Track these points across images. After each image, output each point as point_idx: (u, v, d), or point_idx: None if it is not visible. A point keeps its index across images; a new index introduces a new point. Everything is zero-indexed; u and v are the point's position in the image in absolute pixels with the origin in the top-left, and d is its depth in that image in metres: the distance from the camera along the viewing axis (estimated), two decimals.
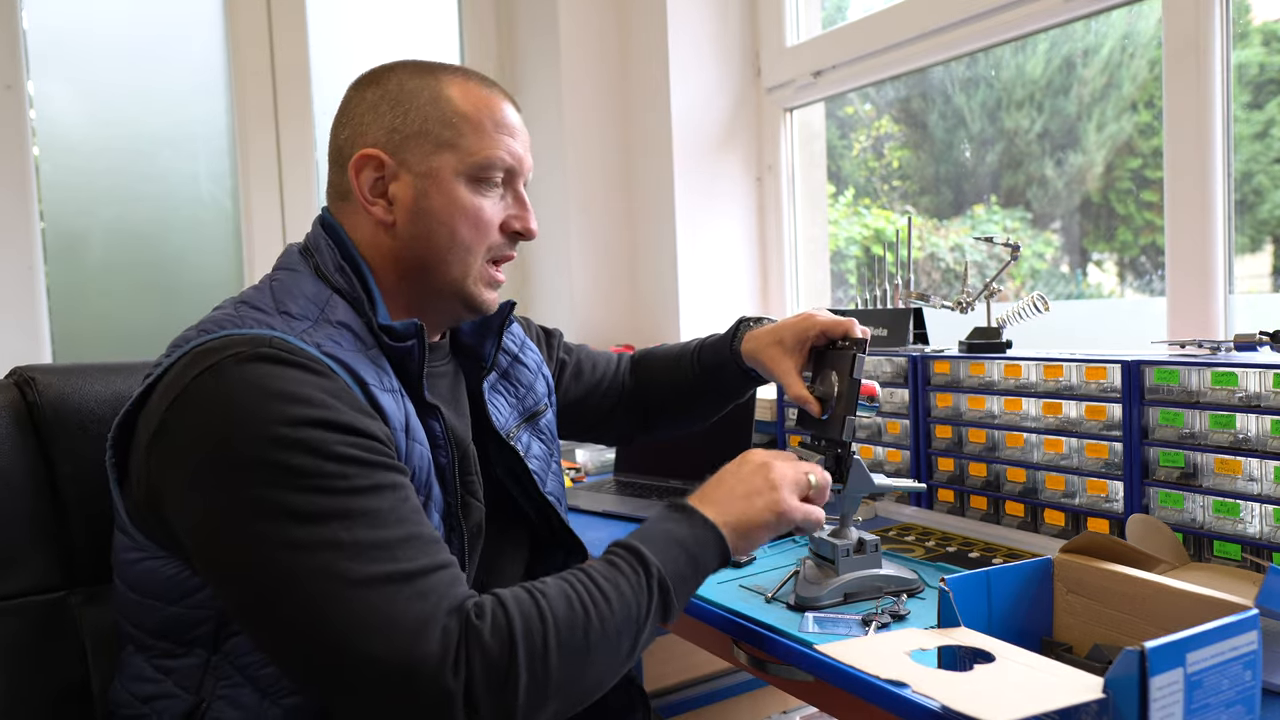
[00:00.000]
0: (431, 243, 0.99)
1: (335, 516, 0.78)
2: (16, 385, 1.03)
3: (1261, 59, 1.63)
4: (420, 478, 0.92)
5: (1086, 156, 2.02)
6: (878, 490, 1.21)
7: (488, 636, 0.78)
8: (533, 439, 1.19)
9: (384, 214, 0.99)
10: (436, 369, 1.08)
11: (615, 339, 2.53)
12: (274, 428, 0.79)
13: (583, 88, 2.47)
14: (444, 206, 0.99)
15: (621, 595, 0.86)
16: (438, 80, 1.00)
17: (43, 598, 1.00)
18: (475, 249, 1.01)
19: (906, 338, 1.60)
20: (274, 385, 0.81)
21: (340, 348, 0.90)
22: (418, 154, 0.98)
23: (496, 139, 1.00)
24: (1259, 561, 1.10)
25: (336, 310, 0.94)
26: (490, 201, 1.01)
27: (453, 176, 0.98)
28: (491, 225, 1.02)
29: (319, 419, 0.80)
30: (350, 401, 0.84)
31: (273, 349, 0.83)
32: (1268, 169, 1.64)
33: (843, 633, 1.06)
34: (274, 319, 0.90)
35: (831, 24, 2.33)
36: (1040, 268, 2.17)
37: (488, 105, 1.00)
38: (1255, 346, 1.23)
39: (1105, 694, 0.72)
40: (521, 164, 1.04)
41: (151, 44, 2.21)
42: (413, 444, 0.92)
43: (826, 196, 2.50)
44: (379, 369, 0.92)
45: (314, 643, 0.76)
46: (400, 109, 0.99)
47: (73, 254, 2.13)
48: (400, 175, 0.99)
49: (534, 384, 1.22)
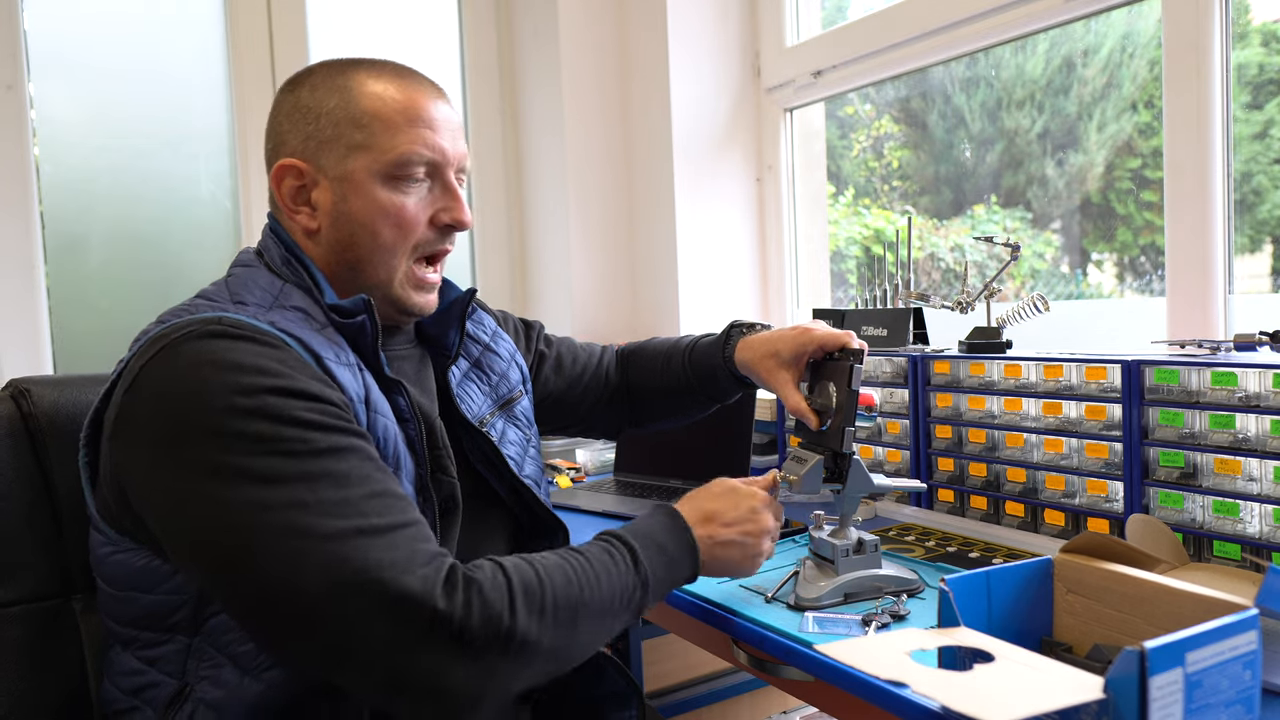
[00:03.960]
0: (355, 246, 1.00)
1: (298, 479, 0.78)
2: (12, 397, 1.04)
3: (1261, 59, 1.63)
4: (388, 449, 0.93)
5: (1086, 156, 2.02)
6: (877, 490, 1.21)
7: (488, 589, 0.80)
8: (508, 425, 1.19)
9: (308, 221, 1.00)
10: (399, 351, 1.09)
11: (615, 338, 2.52)
12: (230, 398, 0.80)
13: (583, 88, 2.47)
14: (363, 209, 0.98)
15: (612, 581, 0.89)
16: (349, 80, 1.00)
17: (42, 605, 1.00)
18: (399, 248, 1.01)
19: (906, 338, 1.60)
20: (227, 357, 0.82)
21: (294, 325, 0.91)
22: (333, 159, 0.98)
23: (411, 134, 0.99)
24: (1259, 561, 1.10)
25: (291, 296, 0.96)
26: (413, 198, 1.00)
27: (369, 178, 0.98)
28: (416, 222, 1.01)
29: (274, 386, 0.81)
30: (306, 370, 0.85)
31: (223, 325, 0.85)
32: (1267, 169, 1.64)
33: (843, 633, 1.06)
34: (227, 306, 0.92)
35: (831, 24, 2.33)
36: (1040, 268, 2.17)
37: (399, 101, 0.99)
38: (1255, 346, 1.23)
39: (1105, 694, 0.72)
40: (445, 155, 1.02)
41: (151, 45, 2.21)
42: (375, 416, 0.92)
43: (826, 196, 2.50)
44: (335, 345, 0.93)
45: (291, 602, 0.77)
46: (312, 115, 0.99)
47: (73, 254, 2.13)
48: (319, 182, 0.99)
49: (507, 372, 1.23)
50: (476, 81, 2.63)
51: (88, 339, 2.15)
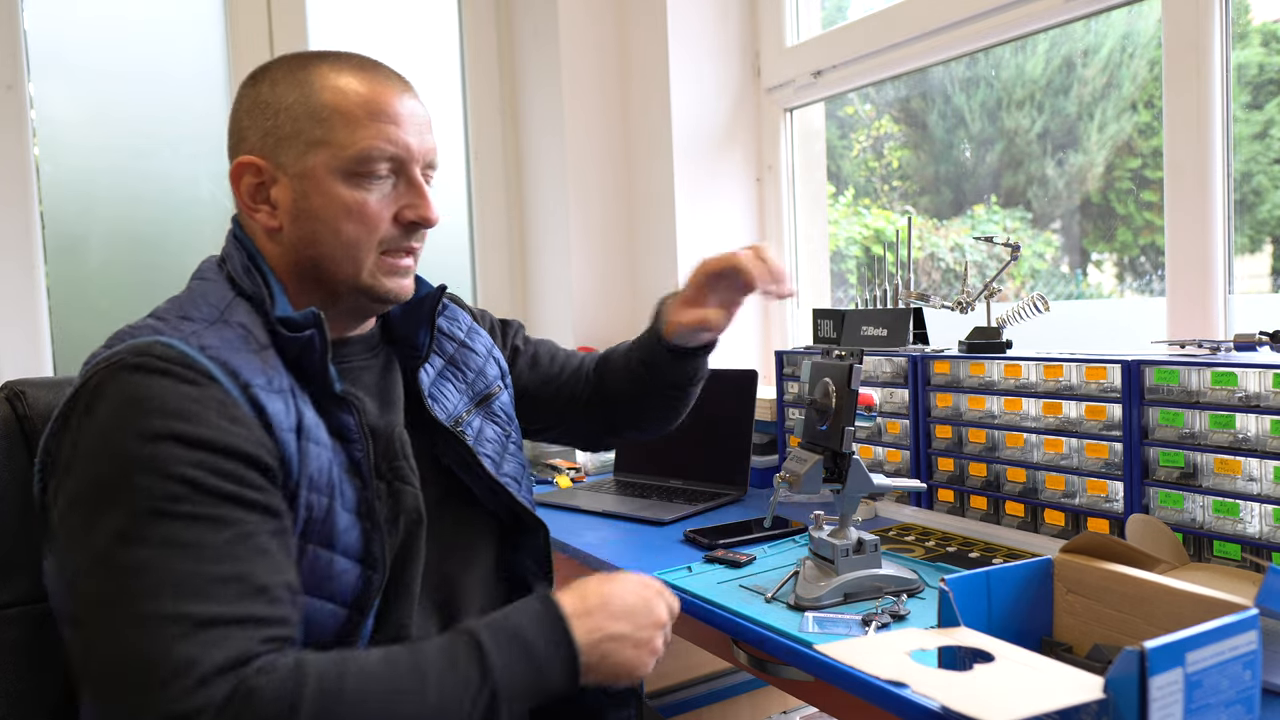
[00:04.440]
0: (318, 244, 0.97)
1: (158, 543, 0.76)
2: (7, 399, 1.04)
3: (1261, 59, 1.63)
4: (321, 478, 0.89)
5: (1086, 156, 2.01)
6: (877, 490, 1.21)
7: (266, 699, 0.73)
8: (485, 422, 1.17)
9: (269, 219, 0.98)
10: (359, 362, 1.06)
11: (615, 339, 2.51)
12: (126, 443, 0.78)
13: (583, 88, 2.47)
14: (324, 206, 0.96)
15: (444, 690, 0.79)
16: (309, 74, 0.97)
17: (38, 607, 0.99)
18: (363, 244, 0.98)
19: (906, 338, 1.60)
20: (136, 396, 0.80)
21: (228, 348, 0.88)
22: (292, 155, 0.96)
23: (373, 129, 0.96)
24: (1259, 561, 1.10)
25: (236, 312, 0.93)
26: (376, 195, 0.97)
27: (329, 174, 0.96)
28: (378, 218, 0.98)
29: (174, 433, 0.79)
30: (220, 411, 0.82)
31: (146, 357, 0.82)
32: (1267, 169, 1.64)
33: (843, 633, 1.06)
34: (168, 324, 0.89)
35: (831, 24, 2.33)
36: (1040, 268, 2.17)
37: (361, 95, 0.96)
38: (1255, 346, 1.23)
39: (1105, 694, 0.72)
40: (410, 150, 0.98)
41: (152, 45, 2.21)
42: (308, 445, 0.89)
43: (826, 196, 2.50)
44: (270, 369, 0.89)
45: (84, 669, 0.76)
46: (271, 111, 0.97)
47: (73, 254, 2.13)
48: (279, 179, 0.97)
49: (484, 368, 1.20)
50: (476, 81, 2.63)
51: (88, 339, 2.13)
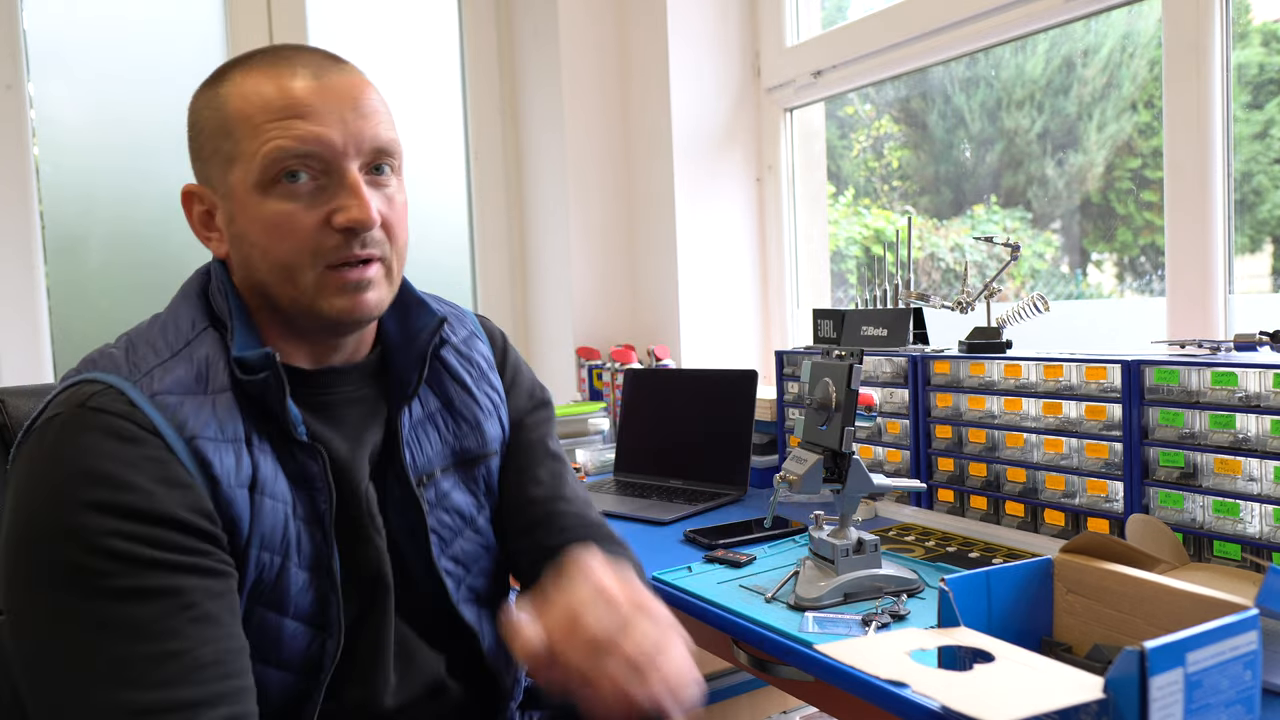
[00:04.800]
0: (254, 267, 0.88)
1: (87, 623, 0.72)
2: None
3: (1261, 59, 1.63)
4: (273, 537, 0.84)
5: (1086, 156, 2.01)
6: (877, 490, 1.21)
7: None
8: (456, 487, 1.01)
9: (218, 247, 0.92)
10: (344, 394, 0.95)
11: (615, 339, 2.53)
12: (49, 513, 0.75)
13: (583, 88, 2.47)
14: (249, 225, 0.87)
15: None
16: (220, 86, 0.89)
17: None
18: (296, 261, 0.86)
19: (906, 338, 1.60)
20: (65, 458, 0.76)
21: (181, 390, 0.82)
22: (216, 176, 0.89)
23: (276, 128, 0.84)
24: (1259, 561, 1.10)
25: (202, 344, 0.87)
26: (300, 204, 0.86)
27: (247, 190, 0.86)
28: (305, 229, 0.86)
29: (101, 502, 0.74)
30: (155, 472, 0.77)
31: (85, 411, 0.78)
32: (1268, 169, 1.64)
33: (843, 633, 1.06)
34: (130, 358, 0.84)
35: (831, 24, 2.33)
36: (1040, 268, 2.17)
37: (262, 94, 0.85)
38: (1255, 346, 1.23)
39: (1105, 694, 0.72)
40: (327, 142, 0.85)
41: (151, 44, 2.21)
42: (262, 499, 0.83)
43: (826, 196, 2.50)
44: (223, 415, 0.83)
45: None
46: (194, 132, 0.91)
47: (73, 254, 2.13)
48: (216, 203, 0.90)
49: (482, 423, 1.04)
50: (476, 81, 2.63)
51: (88, 339, 2.14)
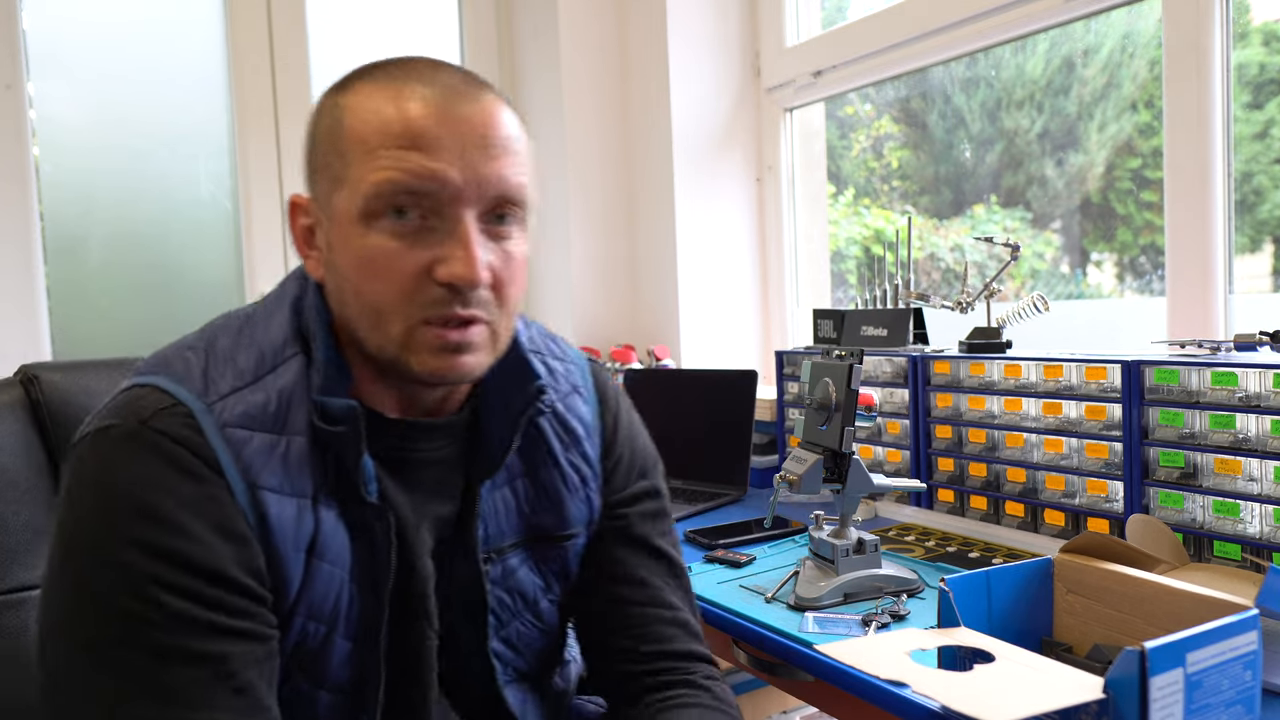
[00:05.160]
0: (346, 302, 0.79)
1: (119, 673, 0.68)
2: (22, 383, 1.05)
3: (1261, 59, 1.63)
4: (324, 605, 0.78)
5: (1086, 156, 2.01)
6: (877, 490, 1.21)
7: None
8: (524, 565, 0.91)
9: (315, 267, 0.82)
10: (424, 453, 0.85)
11: (615, 339, 2.53)
12: (101, 539, 0.70)
13: (583, 88, 2.47)
14: (345, 256, 0.77)
15: None
16: (345, 93, 0.79)
17: None
18: (388, 308, 0.76)
19: (906, 338, 1.60)
20: (120, 482, 0.71)
21: (252, 428, 0.75)
22: (324, 194, 0.79)
23: (390, 157, 0.74)
24: (1259, 561, 1.10)
25: (286, 372, 0.78)
26: (406, 243, 0.75)
27: (349, 218, 0.76)
28: (402, 274, 0.75)
29: (154, 545, 0.69)
30: (213, 520, 0.71)
31: (151, 432, 0.72)
32: (1268, 169, 1.64)
33: (843, 633, 1.06)
34: (204, 369, 0.78)
35: (831, 24, 2.33)
36: (1040, 268, 2.17)
37: (382, 116, 0.75)
38: (1255, 346, 1.23)
39: (1105, 694, 0.72)
40: (445, 181, 0.74)
41: (151, 44, 2.21)
42: (318, 564, 0.77)
43: (826, 196, 2.50)
44: (292, 465, 0.76)
45: None
46: (311, 139, 0.81)
47: (73, 254, 2.13)
48: (321, 220, 0.80)
49: (564, 500, 0.92)
50: None
51: (88, 339, 2.14)
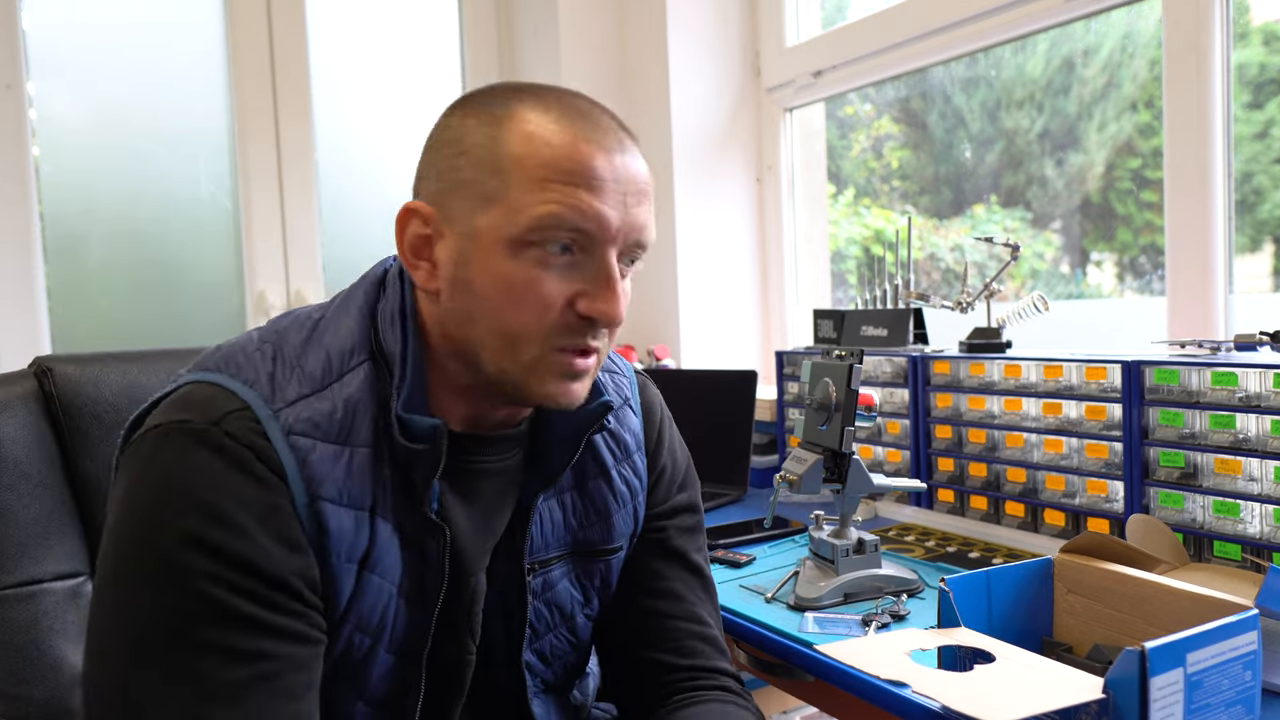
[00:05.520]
0: (473, 321, 0.79)
1: (168, 670, 0.68)
2: (35, 376, 1.06)
3: (1261, 59, 1.63)
4: (371, 617, 0.79)
5: (1086, 156, 2.01)
6: (877, 490, 1.21)
7: None
8: (566, 578, 0.92)
9: (426, 279, 0.81)
10: (484, 465, 0.86)
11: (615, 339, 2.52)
12: (160, 536, 0.70)
13: (583, 88, 2.44)
14: (484, 277, 0.77)
15: None
16: (507, 112, 0.78)
17: (62, 584, 1.01)
18: (526, 334, 0.77)
19: (906, 338, 1.60)
20: (187, 483, 0.71)
21: (317, 434, 0.75)
22: (462, 209, 0.78)
23: (559, 192, 0.75)
24: (1259, 561, 1.10)
25: (353, 383, 0.78)
26: (553, 273, 0.77)
27: (497, 241, 0.76)
28: (549, 304, 0.77)
29: (213, 544, 0.69)
30: (273, 524, 0.72)
31: (217, 434, 0.73)
32: (1268, 169, 1.64)
33: (843, 633, 1.06)
34: (271, 372, 0.78)
35: (831, 24, 2.33)
36: (1040, 268, 2.17)
37: (553, 148, 0.76)
38: (1255, 346, 1.23)
39: (1105, 694, 0.72)
40: (604, 224, 0.76)
41: (151, 44, 2.21)
42: (369, 577, 0.77)
43: (826, 196, 2.50)
44: (353, 478, 0.76)
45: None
46: (453, 151, 0.79)
47: (73, 254, 2.13)
48: (445, 234, 0.79)
49: (612, 514, 0.93)
50: (476, 81, 2.63)
51: (88, 339, 2.14)
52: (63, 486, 1.03)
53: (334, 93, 2.40)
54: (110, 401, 1.06)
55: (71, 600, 1.02)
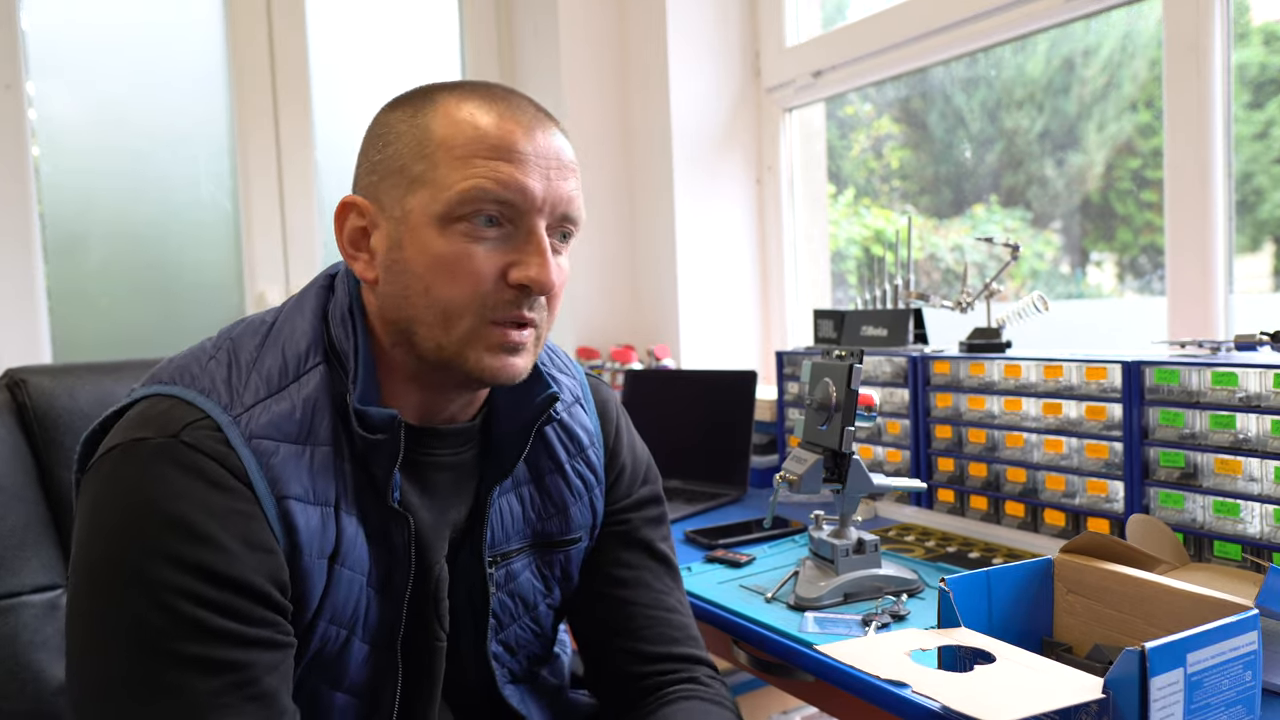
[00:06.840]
0: (409, 300, 0.81)
1: (140, 684, 0.69)
2: (8, 387, 1.05)
3: (1261, 59, 1.63)
4: (344, 610, 0.80)
5: (1086, 156, 2.01)
6: (877, 490, 1.21)
7: None
8: (527, 570, 0.95)
9: (365, 269, 0.83)
10: (439, 458, 0.89)
11: (615, 339, 2.53)
12: (127, 551, 0.70)
13: (583, 88, 2.47)
14: (416, 256, 0.80)
15: None
16: (428, 103, 0.83)
17: (40, 596, 1.00)
18: (459, 307, 0.80)
19: (906, 338, 1.60)
20: (150, 497, 0.72)
21: (277, 438, 0.77)
22: (392, 196, 0.81)
23: (482, 166, 0.78)
24: (1259, 561, 1.10)
25: (310, 383, 0.80)
26: (483, 247, 0.80)
27: (426, 220, 0.79)
28: (479, 275, 0.79)
29: (180, 557, 0.70)
30: (239, 530, 0.73)
31: (177, 445, 0.74)
32: (1268, 169, 1.64)
33: (843, 633, 1.06)
34: (227, 379, 0.79)
35: (831, 24, 2.33)
36: (1040, 268, 2.17)
37: (475, 127, 0.80)
38: (1255, 346, 1.23)
39: (1105, 694, 0.72)
40: (528, 194, 0.80)
41: (151, 44, 2.21)
42: (340, 570, 0.79)
43: (826, 196, 2.50)
44: (317, 474, 0.78)
45: None
46: (382, 143, 0.83)
47: (73, 254, 2.13)
48: (379, 223, 0.82)
49: (569, 506, 0.96)
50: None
51: (87, 339, 2.15)
52: (38, 498, 1.03)
53: (334, 93, 2.40)
54: (85, 412, 1.06)
55: (50, 612, 1.01)
